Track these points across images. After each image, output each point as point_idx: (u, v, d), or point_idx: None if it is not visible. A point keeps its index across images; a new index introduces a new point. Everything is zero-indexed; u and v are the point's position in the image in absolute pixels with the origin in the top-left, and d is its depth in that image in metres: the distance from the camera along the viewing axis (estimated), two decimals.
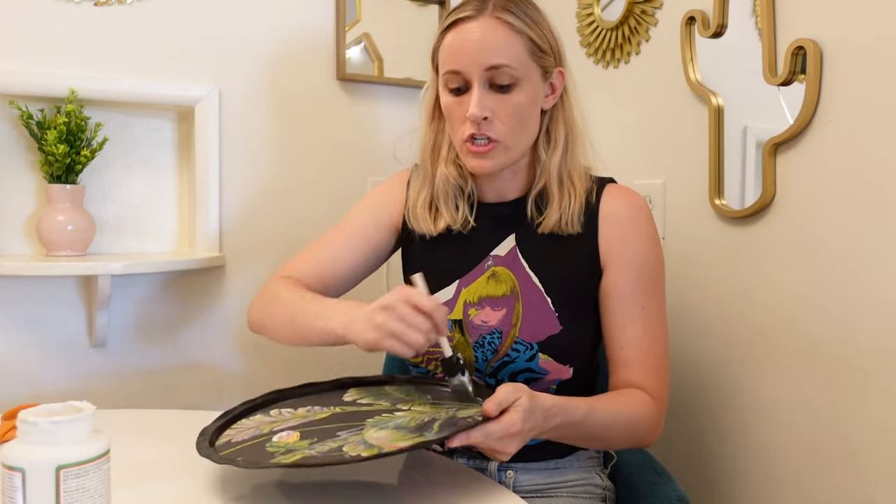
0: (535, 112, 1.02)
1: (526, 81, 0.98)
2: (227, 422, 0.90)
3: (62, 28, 1.39)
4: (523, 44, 0.97)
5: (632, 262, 1.02)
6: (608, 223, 1.03)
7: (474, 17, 0.97)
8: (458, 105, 1.00)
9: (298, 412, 0.92)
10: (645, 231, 1.04)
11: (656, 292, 1.04)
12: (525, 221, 1.05)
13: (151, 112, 1.49)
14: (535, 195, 1.05)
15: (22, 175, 1.39)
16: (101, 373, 1.45)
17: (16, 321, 1.39)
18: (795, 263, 1.13)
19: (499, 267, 1.04)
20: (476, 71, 0.97)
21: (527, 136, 1.02)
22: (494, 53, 0.96)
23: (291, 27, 1.59)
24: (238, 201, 1.56)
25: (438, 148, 1.10)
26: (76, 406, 0.65)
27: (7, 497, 0.61)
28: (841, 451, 1.07)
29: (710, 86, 1.28)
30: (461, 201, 1.08)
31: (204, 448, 0.80)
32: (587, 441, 0.98)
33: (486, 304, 1.03)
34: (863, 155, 1.03)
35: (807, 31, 1.10)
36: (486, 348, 1.01)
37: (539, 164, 1.05)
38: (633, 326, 1.01)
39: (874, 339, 1.02)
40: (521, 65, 0.97)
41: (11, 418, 0.93)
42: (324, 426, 0.85)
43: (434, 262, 1.08)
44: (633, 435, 0.99)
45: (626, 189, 1.08)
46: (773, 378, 1.18)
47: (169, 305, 1.51)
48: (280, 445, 0.80)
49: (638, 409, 0.97)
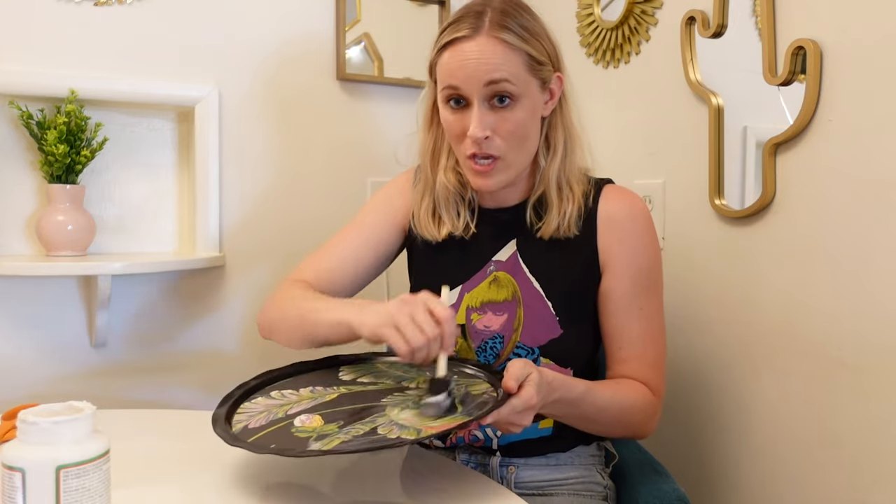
0: (536, 125, 1.02)
1: (525, 96, 0.97)
2: (231, 407, 0.89)
3: (62, 28, 1.39)
4: (521, 60, 0.96)
5: (630, 264, 1.03)
6: (606, 225, 1.04)
7: (470, 37, 0.95)
8: (457, 121, 0.99)
9: (302, 393, 0.92)
10: (643, 232, 1.04)
11: (654, 291, 1.05)
12: (525, 227, 1.06)
13: (151, 112, 1.49)
14: (534, 201, 1.05)
15: (22, 175, 1.39)
16: (101, 373, 1.45)
17: (16, 321, 1.39)
18: (795, 263, 1.13)
19: (500, 272, 1.05)
20: (475, 88, 0.96)
21: (528, 150, 1.02)
22: (493, 69, 0.95)
23: (291, 27, 1.59)
24: (238, 201, 1.56)
25: (438, 155, 1.09)
26: (76, 406, 0.65)
27: (7, 497, 0.61)
28: (837, 450, 1.07)
29: (710, 86, 1.28)
30: (462, 208, 1.09)
31: (231, 438, 0.79)
32: (581, 421, 0.99)
33: (488, 309, 1.03)
34: (863, 155, 1.04)
35: (807, 31, 1.10)
36: (488, 353, 1.02)
37: (538, 171, 1.05)
38: (632, 327, 1.02)
39: (873, 339, 1.02)
40: (520, 80, 0.96)
41: (11, 418, 0.93)
42: (339, 408, 0.86)
43: (438, 267, 1.09)
44: (629, 423, 1.00)
45: (624, 190, 1.08)
46: (771, 377, 1.18)
47: (169, 305, 1.51)
48: (308, 430, 0.80)
49: (634, 396, 0.99)
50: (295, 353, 1.04)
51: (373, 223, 1.14)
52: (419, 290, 1.01)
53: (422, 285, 1.05)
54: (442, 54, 0.99)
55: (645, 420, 1.01)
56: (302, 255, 1.61)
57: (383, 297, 1.68)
